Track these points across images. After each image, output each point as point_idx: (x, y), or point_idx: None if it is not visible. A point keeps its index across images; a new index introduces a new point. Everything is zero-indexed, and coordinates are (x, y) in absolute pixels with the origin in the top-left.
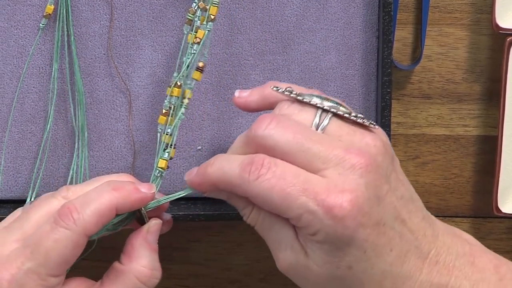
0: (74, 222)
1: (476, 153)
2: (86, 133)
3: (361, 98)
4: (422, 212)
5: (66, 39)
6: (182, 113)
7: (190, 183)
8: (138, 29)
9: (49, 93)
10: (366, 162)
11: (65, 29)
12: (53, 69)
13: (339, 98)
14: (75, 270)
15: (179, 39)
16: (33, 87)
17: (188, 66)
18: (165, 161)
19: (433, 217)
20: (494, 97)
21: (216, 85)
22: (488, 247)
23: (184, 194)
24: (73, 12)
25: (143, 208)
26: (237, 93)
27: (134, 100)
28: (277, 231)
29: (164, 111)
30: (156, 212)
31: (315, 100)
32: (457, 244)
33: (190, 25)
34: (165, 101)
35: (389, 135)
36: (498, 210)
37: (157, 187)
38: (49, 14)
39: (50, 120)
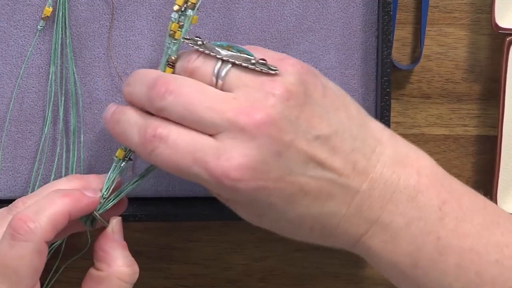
0: (32, 231)
1: (476, 153)
2: (82, 136)
3: (361, 98)
4: (354, 144)
5: (63, 41)
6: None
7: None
8: (138, 29)
9: (48, 93)
10: (259, 121)
11: (63, 32)
12: (51, 71)
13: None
14: (74, 270)
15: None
16: (32, 87)
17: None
18: (122, 151)
19: (380, 138)
20: (494, 97)
21: None
22: None
23: (128, 190)
24: (72, 11)
25: (94, 213)
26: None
27: None
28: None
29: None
30: (115, 211)
31: (216, 51)
32: (399, 177)
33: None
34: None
35: None
36: None
37: (114, 179)
38: (47, 16)
39: (48, 122)
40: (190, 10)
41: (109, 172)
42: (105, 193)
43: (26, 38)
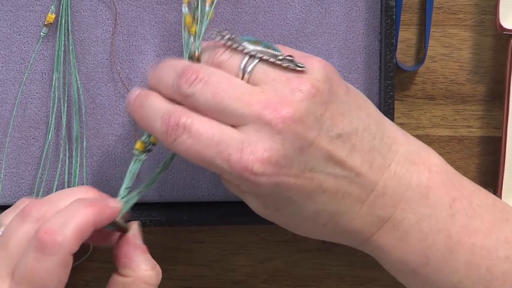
0: (59, 245)
1: (480, 154)
2: (85, 142)
3: None
4: (371, 142)
5: (67, 47)
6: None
7: (127, 107)
8: (141, 34)
9: (51, 100)
10: (285, 116)
11: (66, 38)
12: (54, 78)
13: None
14: (80, 272)
15: (182, 44)
16: (36, 93)
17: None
18: (141, 143)
19: (395, 137)
20: (498, 98)
21: None
22: None
23: (141, 191)
24: (75, 17)
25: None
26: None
27: None
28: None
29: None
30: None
31: (244, 46)
32: (412, 174)
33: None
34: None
35: None
36: None
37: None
38: (50, 23)
39: (51, 128)
40: (208, 6)
41: (130, 166)
42: (123, 192)
43: (29, 44)
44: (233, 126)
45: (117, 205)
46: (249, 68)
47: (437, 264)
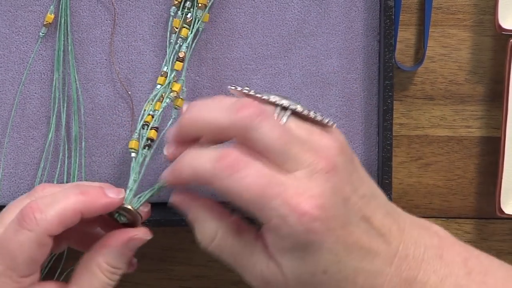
0: (37, 223)
1: (479, 154)
2: (83, 142)
3: (363, 102)
4: (386, 208)
5: (66, 48)
6: (166, 101)
7: (165, 180)
8: (140, 34)
9: (50, 99)
10: (331, 166)
11: (65, 38)
12: (54, 78)
13: (340, 102)
14: None
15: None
16: (35, 93)
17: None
18: (135, 141)
19: (398, 210)
20: (497, 98)
21: (217, 89)
22: (491, 248)
23: (154, 191)
24: (74, 17)
25: (129, 207)
26: (165, 151)
27: (136, 106)
28: (248, 253)
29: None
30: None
31: (274, 98)
32: (424, 237)
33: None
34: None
35: (391, 138)
36: (501, 212)
37: (136, 178)
38: (49, 23)
39: (52, 129)
40: (200, 10)
41: (132, 163)
42: (131, 184)
43: (28, 45)
44: (284, 172)
45: (118, 195)
46: (283, 119)
47: None
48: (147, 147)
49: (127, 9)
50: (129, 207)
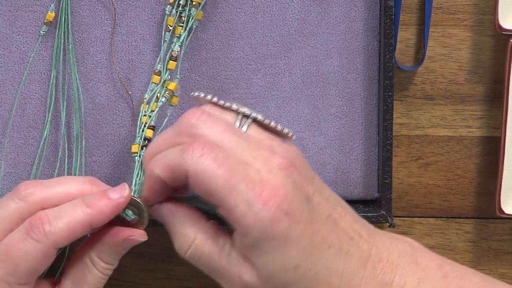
0: (45, 235)
1: (479, 154)
2: (84, 141)
3: (363, 101)
4: (354, 216)
5: (66, 47)
6: (162, 100)
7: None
8: (140, 34)
9: (48, 98)
10: (289, 164)
11: (65, 37)
12: (52, 76)
13: (341, 101)
14: None
15: (181, 44)
16: (35, 93)
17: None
18: (137, 145)
19: (366, 222)
20: (497, 98)
21: (218, 89)
22: (491, 248)
23: None
24: (74, 17)
25: (139, 201)
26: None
27: (136, 105)
28: (226, 257)
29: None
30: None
31: (235, 106)
32: (397, 245)
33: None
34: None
35: (391, 138)
36: (501, 211)
37: (138, 178)
38: (50, 21)
39: (47, 127)
40: (194, 8)
41: (135, 169)
42: (135, 178)
43: (28, 44)
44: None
45: (121, 194)
46: (244, 127)
47: None
48: (144, 147)
49: (127, 9)
50: (139, 200)
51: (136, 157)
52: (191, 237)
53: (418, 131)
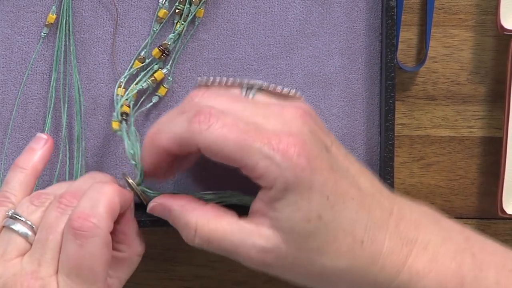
0: (97, 226)
1: (481, 155)
2: (84, 142)
3: (365, 102)
4: (370, 175)
5: (67, 48)
6: (143, 85)
7: (142, 164)
8: (141, 34)
9: (48, 99)
10: (304, 113)
11: (67, 38)
12: (52, 78)
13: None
14: None
15: (182, 44)
16: (37, 93)
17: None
18: (116, 122)
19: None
20: (499, 99)
21: None
22: None
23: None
24: (76, 18)
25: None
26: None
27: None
28: (236, 232)
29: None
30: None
31: (239, 80)
32: (417, 206)
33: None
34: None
35: (393, 138)
36: (503, 212)
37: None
38: (51, 23)
39: (47, 127)
40: (194, 5)
41: (125, 144)
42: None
43: (30, 45)
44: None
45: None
46: (251, 95)
47: (471, 285)
48: (124, 121)
49: (128, 10)
50: (130, 180)
51: (119, 133)
52: (193, 224)
53: (420, 131)
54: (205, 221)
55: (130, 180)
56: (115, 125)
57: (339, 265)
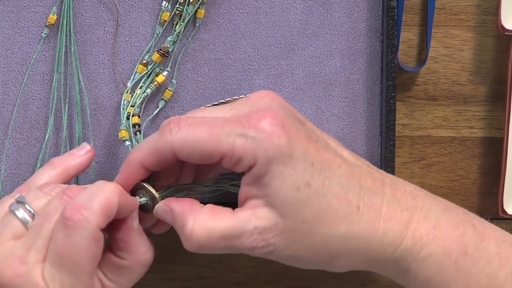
0: (86, 219)
1: (482, 155)
2: (83, 143)
3: (366, 102)
4: (352, 152)
5: (68, 48)
6: (147, 92)
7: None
8: (142, 35)
9: (50, 100)
10: (270, 92)
11: (68, 39)
12: (54, 78)
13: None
14: None
15: (183, 45)
16: (37, 94)
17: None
18: (124, 130)
19: None
20: (500, 99)
21: (220, 90)
22: None
23: None
24: (76, 18)
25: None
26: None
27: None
28: (234, 223)
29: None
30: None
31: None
32: (410, 183)
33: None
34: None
35: (394, 138)
36: (504, 212)
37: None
38: (51, 23)
39: (49, 128)
40: (192, 6)
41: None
42: None
43: (31, 45)
44: None
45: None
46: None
47: (474, 254)
48: (138, 133)
49: (129, 10)
50: (145, 184)
51: (127, 142)
52: (189, 227)
53: (421, 131)
54: (202, 225)
55: (146, 184)
56: (124, 133)
57: (339, 232)
